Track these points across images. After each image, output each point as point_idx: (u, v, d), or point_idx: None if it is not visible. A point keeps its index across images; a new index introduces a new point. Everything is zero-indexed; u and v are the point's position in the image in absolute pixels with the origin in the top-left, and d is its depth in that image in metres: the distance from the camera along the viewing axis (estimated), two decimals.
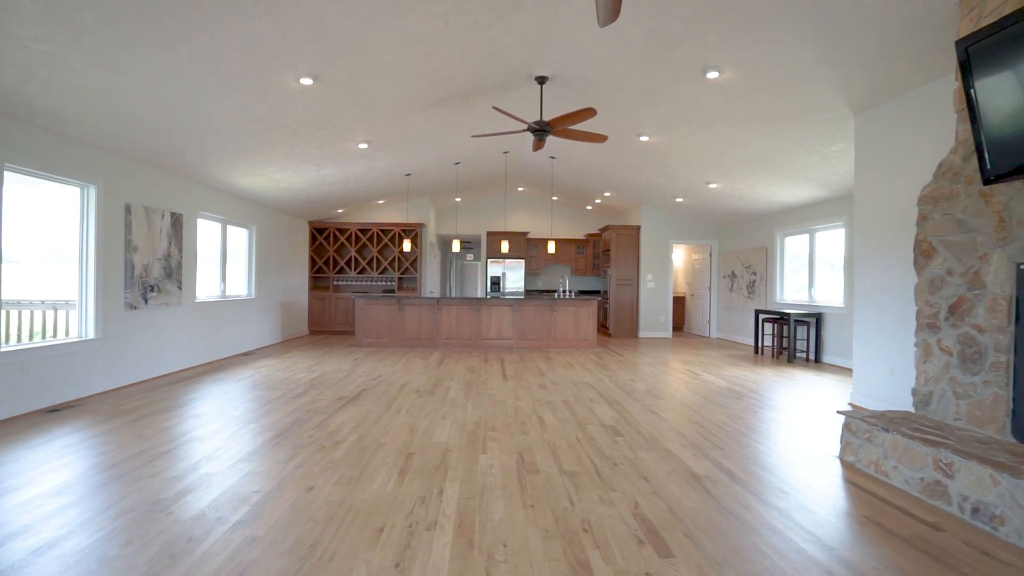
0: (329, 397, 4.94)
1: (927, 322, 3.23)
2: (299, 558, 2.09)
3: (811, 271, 8.02)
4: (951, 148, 3.21)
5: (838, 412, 3.37)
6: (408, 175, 8.42)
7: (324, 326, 10.73)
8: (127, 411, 4.34)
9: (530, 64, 4.61)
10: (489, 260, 12.35)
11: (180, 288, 6.24)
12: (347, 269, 10.89)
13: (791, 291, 8.60)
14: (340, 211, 10.45)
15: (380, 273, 10.98)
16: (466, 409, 4.54)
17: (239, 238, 8.00)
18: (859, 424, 3.15)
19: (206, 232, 7.01)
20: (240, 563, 2.05)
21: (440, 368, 6.65)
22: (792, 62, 4.03)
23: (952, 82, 3.69)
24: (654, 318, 10.69)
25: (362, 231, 10.90)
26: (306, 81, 4.19)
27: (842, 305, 7.11)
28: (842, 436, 3.29)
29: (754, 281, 9.36)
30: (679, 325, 12.25)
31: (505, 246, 9.70)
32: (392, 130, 5.93)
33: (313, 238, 10.79)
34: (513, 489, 2.81)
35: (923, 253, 3.28)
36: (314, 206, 9.40)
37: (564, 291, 10.11)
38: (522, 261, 12.38)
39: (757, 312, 8.33)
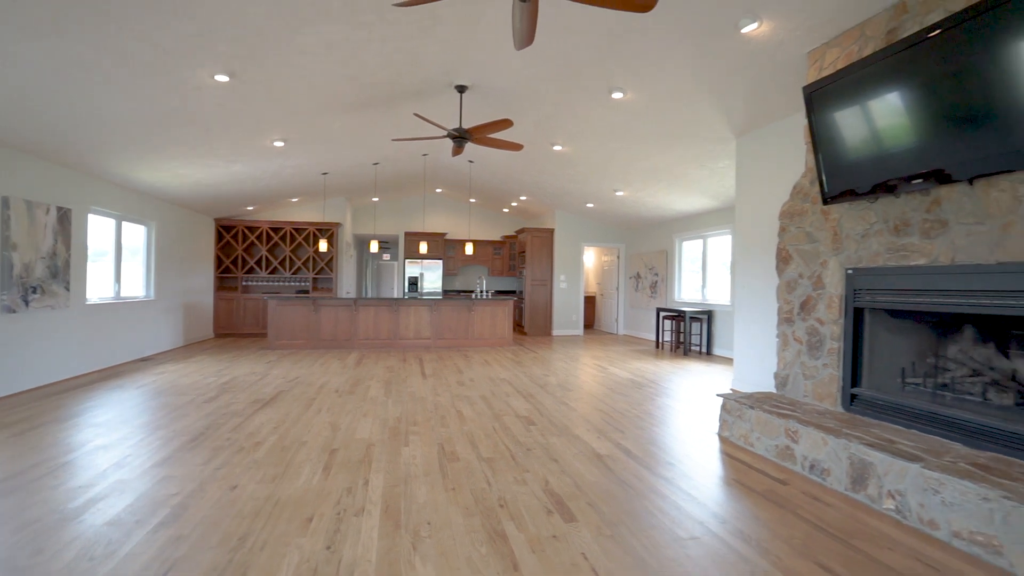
0: (244, 400, 4.84)
1: (785, 317, 3.87)
2: (229, 549, 2.18)
3: (704, 273, 8.92)
4: (803, 172, 3.86)
5: (718, 395, 3.93)
6: (325, 174, 8.29)
7: (232, 328, 10.22)
8: (10, 423, 4.01)
9: (450, 73, 4.82)
10: (407, 260, 12.36)
11: (68, 289, 5.76)
12: (257, 269, 10.44)
13: (688, 291, 9.49)
14: (250, 208, 10.01)
15: (293, 273, 10.65)
16: (387, 406, 4.67)
17: (136, 235, 7.47)
18: (733, 404, 3.71)
19: (98, 229, 6.50)
20: (167, 560, 2.11)
21: (359, 368, 6.67)
22: (683, 89, 4.59)
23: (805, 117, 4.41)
24: (567, 317, 11.28)
25: (274, 229, 10.51)
26: (221, 78, 4.12)
27: (729, 303, 8.00)
28: (720, 415, 3.85)
29: (656, 282, 10.20)
30: (590, 323, 12.98)
31: (423, 247, 9.80)
32: (310, 130, 5.88)
33: (220, 236, 10.23)
34: (435, 476, 3.03)
35: (782, 259, 3.91)
36: (222, 203, 8.95)
37: (481, 291, 10.40)
38: (440, 262, 12.51)
39: (658, 310, 9.11)
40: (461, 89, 5.14)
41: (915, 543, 2.28)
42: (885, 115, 2.90)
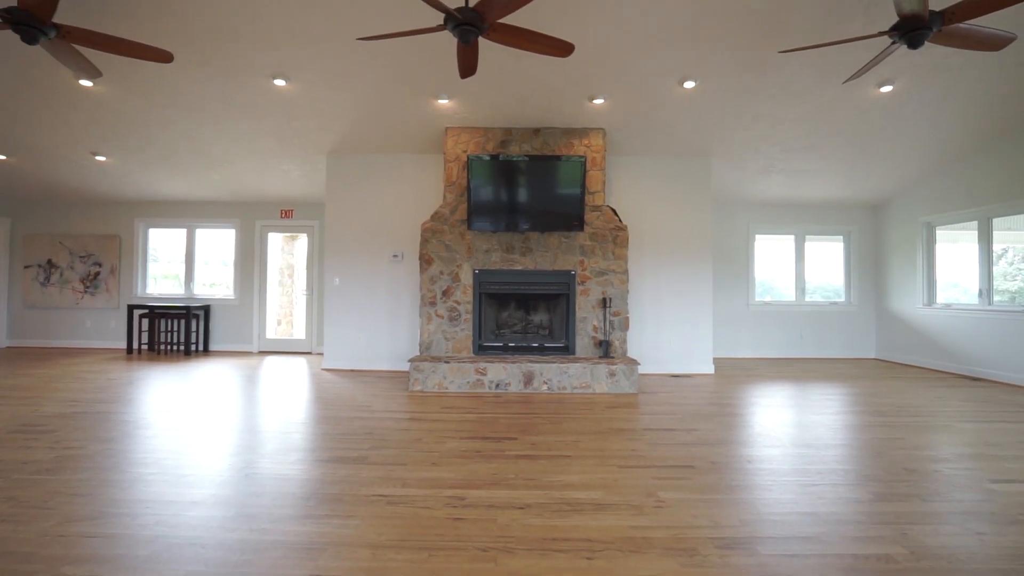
0: None
1: (429, 300, 5.63)
2: None
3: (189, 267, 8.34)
4: (442, 204, 5.76)
5: (408, 361, 5.16)
6: None
7: None
8: None
9: None
10: None
11: None
12: None
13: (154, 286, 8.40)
14: None
15: None
16: None
17: None
18: (422, 365, 5.14)
19: None
20: None
21: None
22: (285, 94, 5.01)
23: (434, 160, 6.24)
24: None
25: None
26: None
27: (233, 297, 8.12)
28: (411, 376, 5.13)
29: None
30: None
31: None
32: None
33: None
34: None
35: (425, 261, 5.64)
36: None
37: None
38: None
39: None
40: None
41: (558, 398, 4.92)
42: (509, 191, 5.39)
